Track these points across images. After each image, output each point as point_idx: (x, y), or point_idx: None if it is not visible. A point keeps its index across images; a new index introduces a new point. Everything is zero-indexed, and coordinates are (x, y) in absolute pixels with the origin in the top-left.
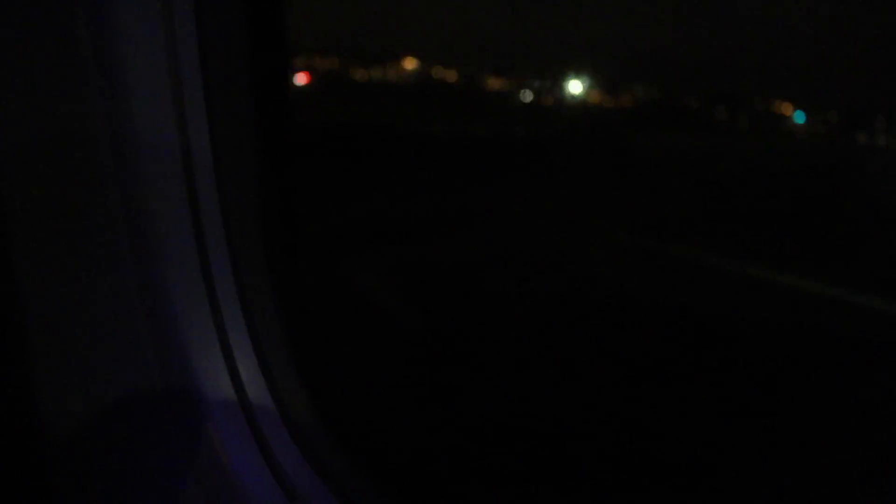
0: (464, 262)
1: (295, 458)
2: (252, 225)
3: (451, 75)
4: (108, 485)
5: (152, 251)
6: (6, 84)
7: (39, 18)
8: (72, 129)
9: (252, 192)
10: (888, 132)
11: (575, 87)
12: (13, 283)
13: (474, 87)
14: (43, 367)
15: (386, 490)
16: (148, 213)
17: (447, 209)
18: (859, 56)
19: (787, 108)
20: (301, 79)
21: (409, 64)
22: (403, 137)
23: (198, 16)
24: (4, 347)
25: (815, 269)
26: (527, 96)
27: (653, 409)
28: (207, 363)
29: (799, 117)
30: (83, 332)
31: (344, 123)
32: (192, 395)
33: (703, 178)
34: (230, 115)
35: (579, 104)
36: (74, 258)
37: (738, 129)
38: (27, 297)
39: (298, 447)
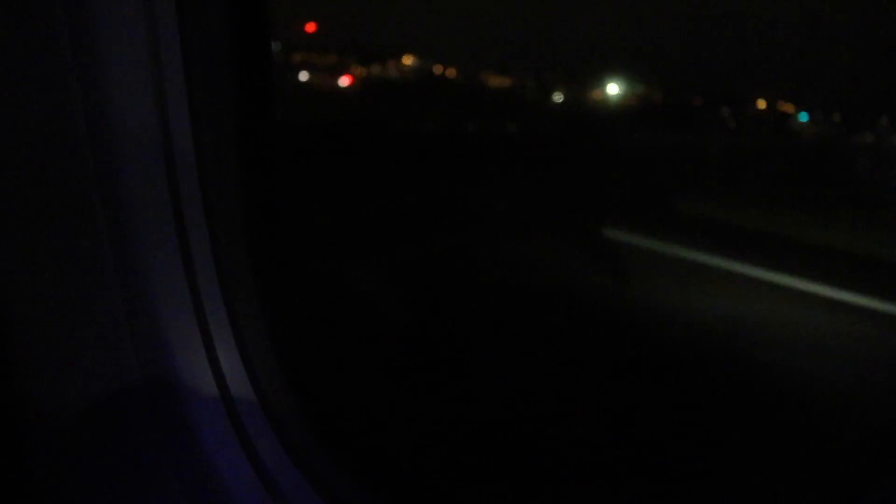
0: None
1: (277, 454)
2: (235, 220)
3: (458, 73)
4: (89, 480)
5: (134, 247)
6: None
7: (17, 14)
8: (52, 126)
9: (235, 188)
10: (889, 132)
11: (613, 88)
12: None
13: (480, 86)
14: (23, 363)
15: (369, 486)
16: (130, 208)
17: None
18: (862, 58)
19: (789, 108)
20: (344, 81)
21: (408, 61)
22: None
23: (180, 11)
24: None
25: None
26: (557, 97)
27: (650, 408)
28: (189, 359)
29: (802, 117)
30: (64, 328)
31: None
32: (173, 391)
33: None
34: (213, 111)
35: (620, 103)
36: (55, 254)
37: (751, 129)
38: (7, 293)
39: (281, 443)
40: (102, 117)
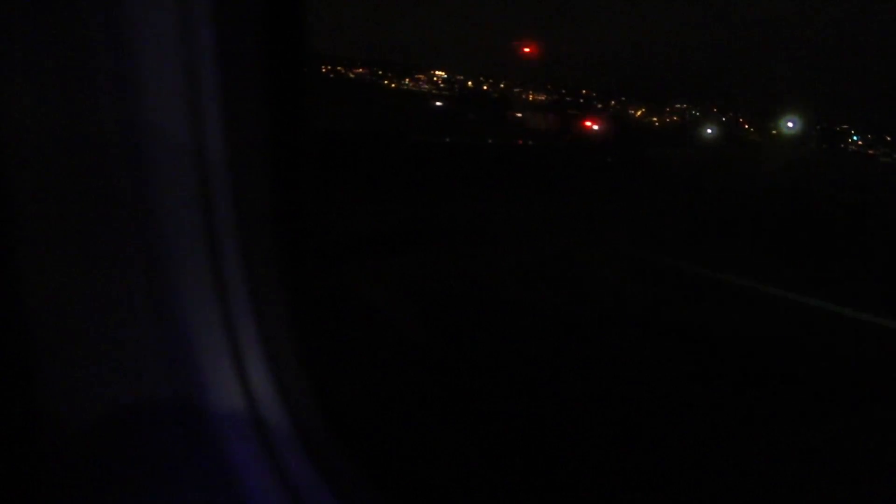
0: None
1: (308, 473)
2: (266, 229)
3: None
4: (111, 496)
5: (163, 254)
6: (17, 79)
7: (52, 12)
8: (82, 127)
9: (267, 197)
10: None
11: (790, 123)
12: (18, 285)
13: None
14: (46, 372)
15: None
16: (159, 215)
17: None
18: None
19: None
20: (590, 126)
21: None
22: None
23: (215, 15)
24: (8, 350)
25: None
26: (708, 129)
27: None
28: (217, 372)
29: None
30: (88, 337)
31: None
32: (200, 406)
33: None
34: (246, 117)
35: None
36: (82, 260)
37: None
38: (32, 300)
39: (312, 462)
40: (134, 119)
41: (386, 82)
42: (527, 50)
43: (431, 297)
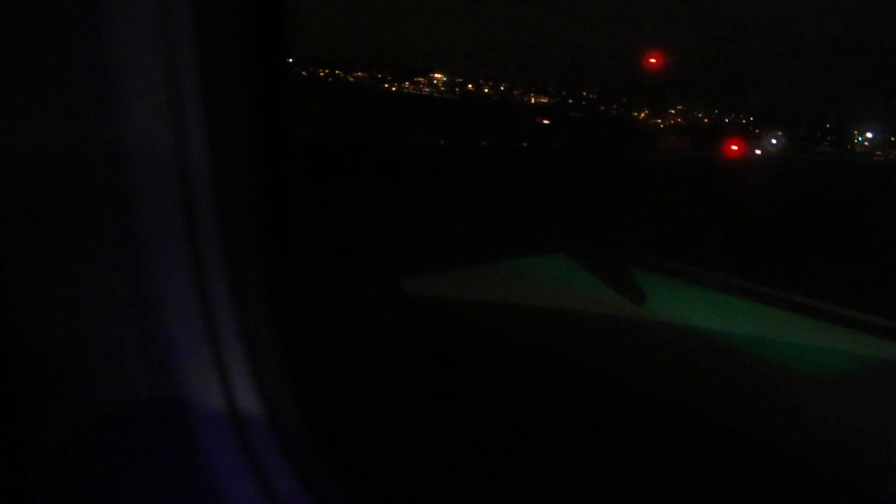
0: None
1: (288, 476)
2: (249, 233)
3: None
4: (93, 498)
5: (145, 258)
6: None
7: (33, 22)
8: (63, 134)
9: (249, 200)
10: None
11: (870, 133)
12: (2, 292)
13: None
14: (27, 375)
15: None
16: (140, 219)
17: None
18: None
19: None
20: (734, 149)
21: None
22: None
23: (196, 21)
24: None
25: None
26: (773, 140)
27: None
28: (199, 374)
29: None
30: (71, 340)
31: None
32: (181, 408)
33: None
34: (228, 122)
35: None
36: (64, 265)
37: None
38: (13, 304)
39: (292, 465)
40: (115, 125)
41: (386, 85)
42: (652, 61)
43: (428, 300)
